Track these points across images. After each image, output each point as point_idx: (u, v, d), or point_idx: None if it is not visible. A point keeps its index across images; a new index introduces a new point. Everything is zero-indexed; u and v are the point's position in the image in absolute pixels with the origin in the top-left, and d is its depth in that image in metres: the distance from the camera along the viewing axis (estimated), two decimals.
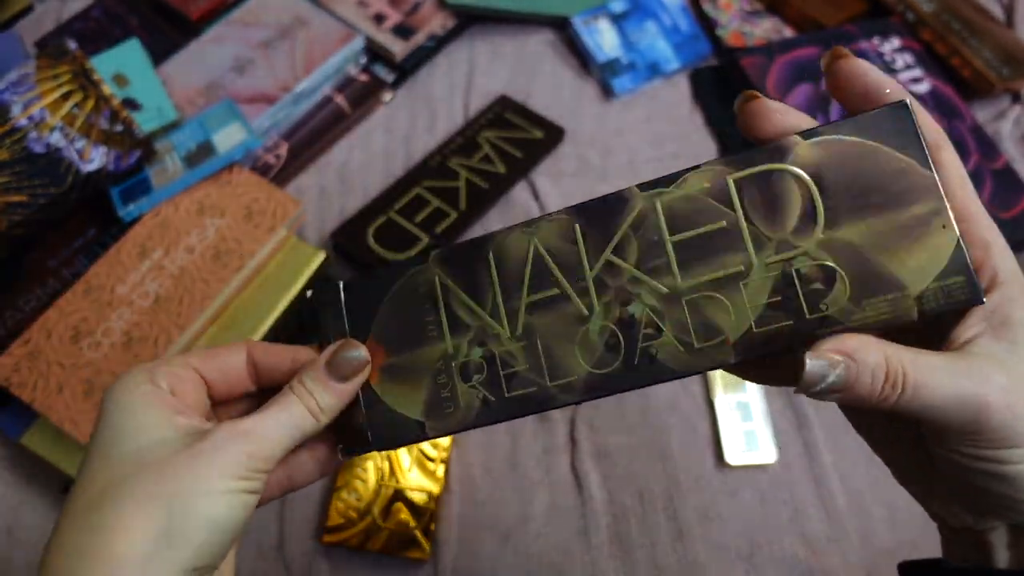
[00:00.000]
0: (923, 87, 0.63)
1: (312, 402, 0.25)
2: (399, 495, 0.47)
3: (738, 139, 0.64)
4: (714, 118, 0.65)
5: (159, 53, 0.66)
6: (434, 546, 0.46)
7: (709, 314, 0.23)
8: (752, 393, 0.51)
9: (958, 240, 0.21)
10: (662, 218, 0.24)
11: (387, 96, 0.66)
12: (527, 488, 0.49)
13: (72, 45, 0.58)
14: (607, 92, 0.67)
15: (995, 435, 0.21)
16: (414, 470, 0.48)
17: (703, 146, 0.64)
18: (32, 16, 0.72)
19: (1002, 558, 0.24)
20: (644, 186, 0.24)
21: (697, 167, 0.24)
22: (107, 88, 0.56)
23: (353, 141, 0.64)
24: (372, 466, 0.48)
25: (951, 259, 0.21)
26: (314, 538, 0.47)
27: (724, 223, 0.23)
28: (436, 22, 0.69)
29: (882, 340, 0.21)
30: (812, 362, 0.20)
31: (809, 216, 0.22)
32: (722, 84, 0.67)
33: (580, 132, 0.64)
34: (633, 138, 0.65)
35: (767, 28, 0.70)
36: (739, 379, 0.51)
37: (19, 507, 0.47)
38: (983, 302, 0.21)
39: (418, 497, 0.47)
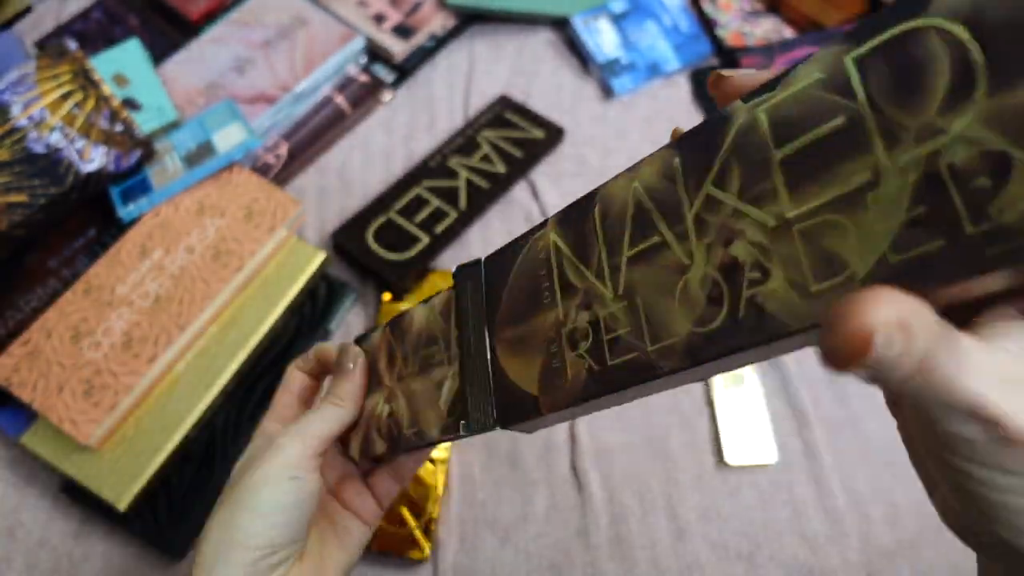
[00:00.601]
0: None
1: (334, 397, 0.31)
2: (399, 495, 0.47)
3: None
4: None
5: (159, 53, 0.66)
6: (434, 546, 0.46)
7: (828, 245, 0.16)
8: (752, 393, 0.51)
9: None
10: (767, 130, 0.18)
11: (387, 96, 0.66)
12: (527, 488, 0.49)
13: (72, 45, 0.58)
14: (607, 92, 0.67)
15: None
16: None
17: None
18: (32, 16, 0.72)
19: None
20: (747, 97, 0.19)
21: (809, 56, 0.17)
22: (107, 88, 0.56)
23: (353, 141, 0.64)
24: None
25: None
26: None
27: (842, 119, 0.16)
28: (436, 22, 0.69)
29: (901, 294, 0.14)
30: (883, 338, 0.13)
31: (964, 82, 0.15)
32: None
33: (580, 132, 0.64)
34: (633, 138, 0.65)
35: (767, 28, 0.70)
36: (739, 379, 0.52)
37: (19, 507, 0.47)
38: None
39: (419, 496, 0.47)
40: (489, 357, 0.25)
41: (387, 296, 0.55)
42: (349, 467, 0.34)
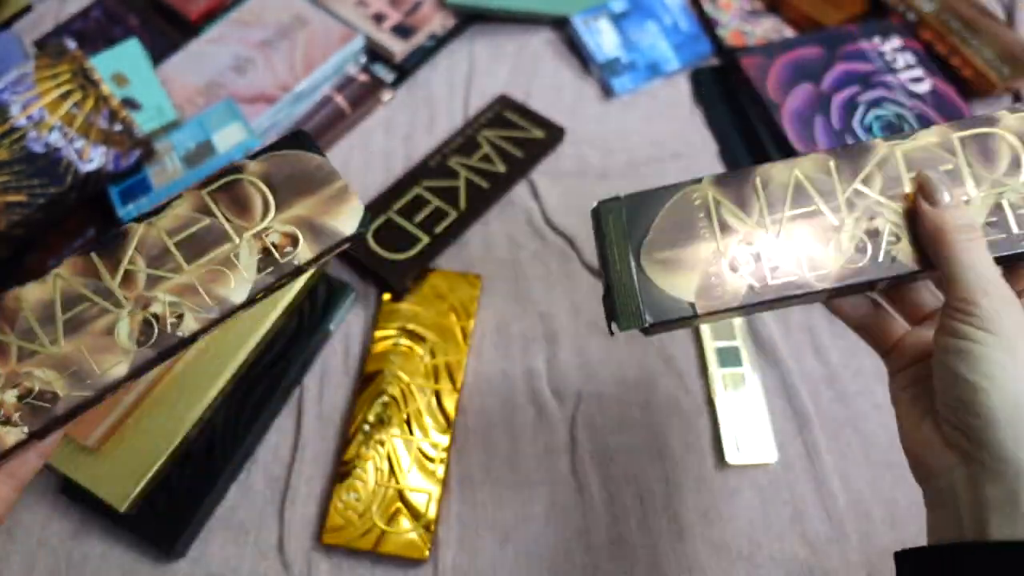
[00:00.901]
0: (924, 87, 0.63)
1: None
2: (399, 495, 0.47)
3: (737, 138, 0.63)
4: (714, 118, 0.65)
5: (158, 53, 0.66)
6: (434, 546, 0.46)
7: None
8: (752, 393, 0.51)
9: None
10: (901, 161, 0.32)
11: (387, 96, 0.66)
12: (527, 489, 0.49)
13: (71, 45, 0.58)
14: (607, 92, 0.67)
15: (981, 313, 0.27)
16: (414, 470, 0.48)
17: (703, 146, 0.64)
18: (31, 16, 0.72)
19: (967, 523, 0.26)
20: (886, 138, 0.33)
21: (928, 127, 0.32)
22: (106, 88, 0.56)
23: (353, 141, 0.64)
24: (372, 466, 0.48)
25: None
26: (314, 538, 0.47)
27: (951, 166, 0.32)
28: (436, 22, 0.69)
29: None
30: (944, 191, 0.30)
31: (1017, 163, 0.31)
32: (722, 84, 0.67)
33: (580, 132, 0.64)
34: (633, 138, 0.65)
35: (767, 28, 0.70)
36: (739, 379, 0.52)
37: (18, 507, 0.47)
38: None
39: (418, 497, 0.47)
40: (635, 272, 0.33)
41: (387, 296, 0.55)
42: None
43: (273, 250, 0.31)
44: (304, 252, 0.31)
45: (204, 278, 0.31)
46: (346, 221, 0.32)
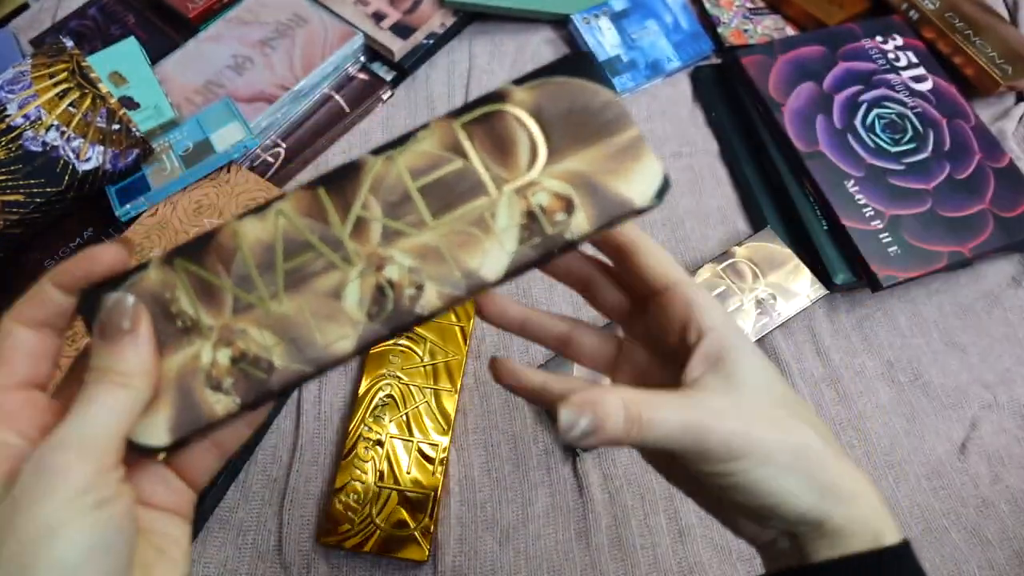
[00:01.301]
0: (925, 85, 0.63)
1: (115, 375, 0.22)
2: (398, 496, 0.47)
3: (737, 137, 0.63)
4: (714, 118, 0.65)
5: (156, 52, 0.65)
6: (434, 546, 0.46)
7: None
8: None
9: None
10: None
11: (386, 95, 0.66)
12: (527, 488, 0.48)
13: (68, 43, 0.57)
14: None
15: (718, 451, 0.24)
16: (413, 471, 0.47)
17: (703, 145, 0.64)
18: (28, 13, 0.71)
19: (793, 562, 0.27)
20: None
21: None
22: (104, 87, 0.56)
23: (352, 140, 0.64)
24: (371, 467, 0.47)
25: None
26: (313, 539, 0.46)
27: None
28: (435, 20, 0.68)
29: (617, 387, 0.24)
30: (565, 413, 0.23)
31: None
32: (723, 83, 0.66)
33: None
34: None
35: (769, 26, 0.70)
36: None
37: None
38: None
39: (417, 498, 0.47)
40: None
41: None
42: (135, 455, 0.23)
43: (540, 214, 0.24)
44: (580, 222, 0.24)
45: (452, 241, 0.24)
46: (638, 186, 0.24)
